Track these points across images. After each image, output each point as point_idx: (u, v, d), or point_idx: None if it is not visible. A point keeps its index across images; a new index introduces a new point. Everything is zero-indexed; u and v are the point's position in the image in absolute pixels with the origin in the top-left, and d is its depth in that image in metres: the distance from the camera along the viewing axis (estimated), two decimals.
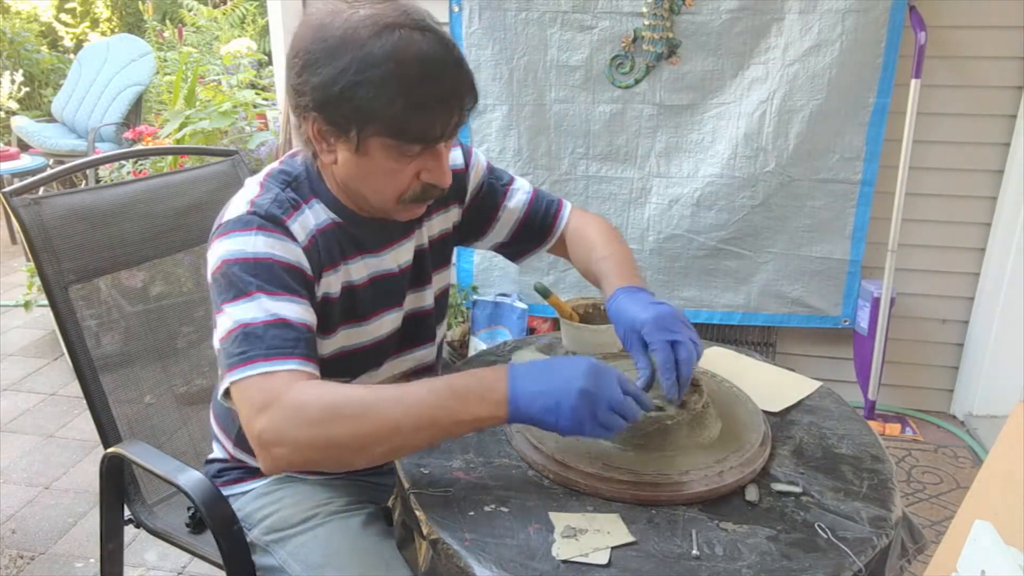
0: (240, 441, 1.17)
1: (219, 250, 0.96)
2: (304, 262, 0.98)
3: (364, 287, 1.08)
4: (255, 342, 0.88)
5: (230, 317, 0.91)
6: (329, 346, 1.07)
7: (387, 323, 1.13)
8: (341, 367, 1.09)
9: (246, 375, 0.87)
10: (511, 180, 1.28)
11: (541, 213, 1.28)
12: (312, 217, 1.02)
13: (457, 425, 0.86)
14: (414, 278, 1.17)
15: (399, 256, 1.12)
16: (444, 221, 1.22)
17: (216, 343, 0.93)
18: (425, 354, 1.22)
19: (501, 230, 1.28)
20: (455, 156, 1.20)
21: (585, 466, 0.91)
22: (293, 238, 0.98)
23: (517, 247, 1.32)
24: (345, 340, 1.09)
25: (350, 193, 1.03)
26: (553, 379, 0.85)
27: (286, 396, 0.85)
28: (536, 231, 1.29)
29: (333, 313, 1.05)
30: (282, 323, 0.90)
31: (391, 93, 0.90)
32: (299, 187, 1.03)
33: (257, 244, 0.94)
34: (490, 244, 1.32)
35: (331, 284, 1.04)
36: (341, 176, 1.01)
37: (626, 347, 1.02)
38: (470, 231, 1.28)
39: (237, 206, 0.99)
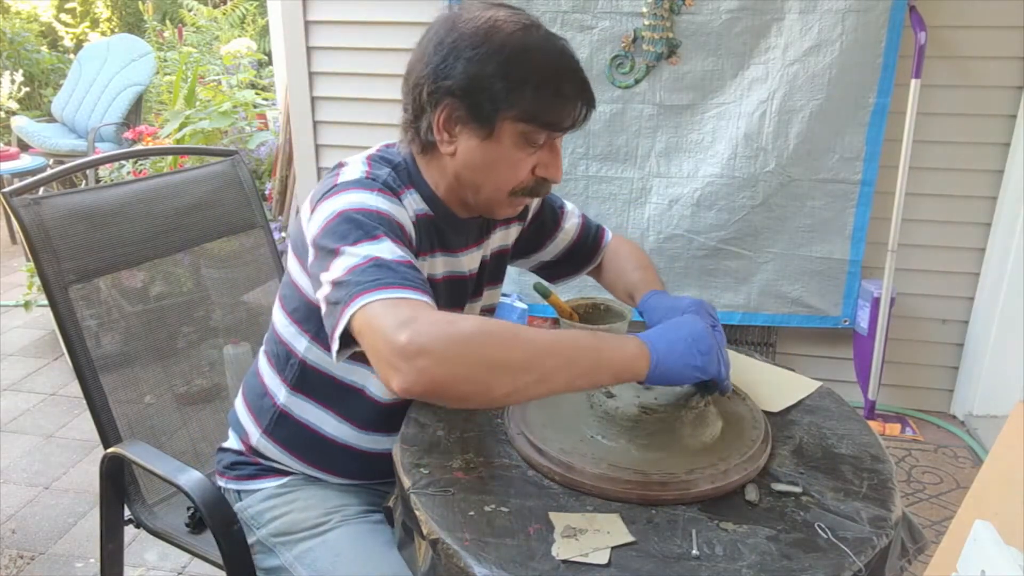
0: (273, 429, 1.14)
1: (336, 203, 0.94)
2: (413, 234, 1.00)
3: (440, 283, 1.10)
4: (389, 273, 0.85)
5: (356, 254, 0.88)
6: None
7: None
8: None
9: (384, 296, 0.83)
10: (563, 203, 1.34)
11: (590, 238, 1.35)
12: (413, 202, 1.05)
13: (597, 369, 0.85)
14: (475, 288, 1.19)
15: (471, 261, 1.15)
16: (504, 238, 1.24)
17: (333, 279, 0.88)
18: None
19: (553, 250, 1.33)
20: None
21: (590, 467, 0.91)
22: (405, 209, 1.00)
23: (562, 268, 1.37)
24: None
25: (461, 186, 1.05)
26: (678, 329, 0.91)
27: (434, 313, 0.82)
28: (584, 255, 1.35)
29: None
30: (410, 265, 0.89)
31: (538, 79, 0.96)
32: (399, 173, 1.06)
33: (380, 202, 0.96)
34: (535, 263, 1.36)
35: (425, 269, 1.05)
36: (458, 167, 1.02)
37: None
38: (526, 248, 1.31)
39: (352, 171, 1.01)
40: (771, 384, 1.18)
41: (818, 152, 2.42)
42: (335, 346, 0.87)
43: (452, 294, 1.13)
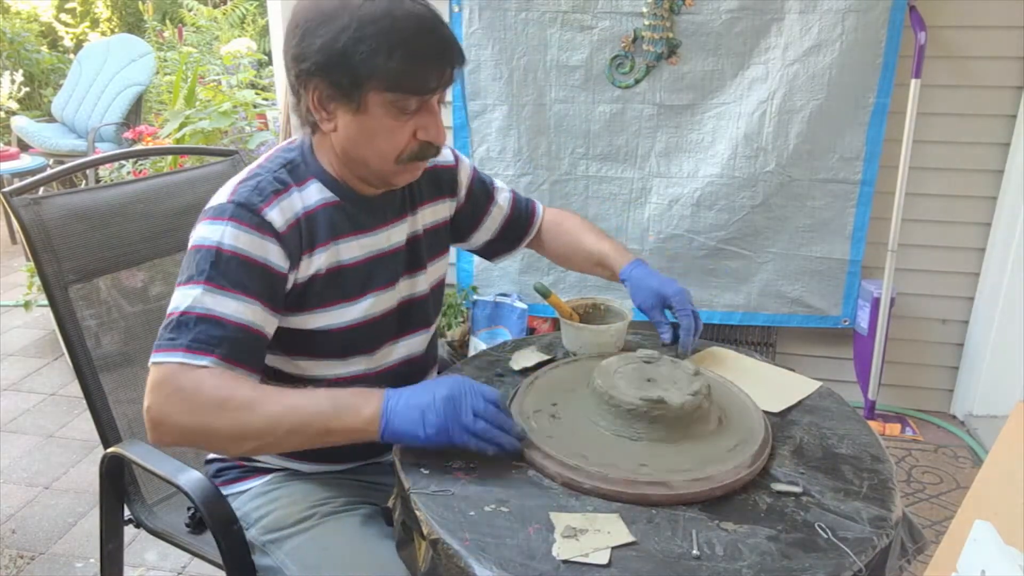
0: None
1: (194, 235, 1.01)
2: (273, 256, 1.00)
3: (357, 266, 1.10)
4: (182, 334, 0.95)
5: (174, 301, 0.98)
6: (313, 321, 1.08)
7: (381, 302, 1.13)
8: (332, 346, 1.10)
9: (164, 360, 0.94)
10: (493, 180, 1.38)
11: (522, 210, 1.40)
12: (300, 200, 1.05)
13: (328, 433, 0.94)
14: (409, 263, 1.19)
15: (391, 236, 1.15)
16: (436, 213, 1.25)
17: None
18: (418, 342, 1.23)
19: (491, 226, 1.36)
20: (445, 154, 1.26)
21: (591, 467, 0.91)
22: (266, 229, 1.00)
23: (499, 245, 1.39)
24: (333, 318, 1.09)
25: (350, 161, 1.06)
26: (422, 394, 0.94)
27: (182, 380, 0.93)
28: (520, 227, 1.39)
29: (314, 291, 1.07)
30: (213, 320, 0.96)
31: (389, 46, 0.95)
32: (295, 169, 1.07)
33: (225, 235, 0.98)
34: (480, 242, 1.38)
35: (315, 264, 1.06)
36: (341, 143, 1.04)
37: (645, 311, 1.25)
38: (465, 226, 1.34)
39: (222, 192, 1.04)
40: (771, 384, 1.18)
41: (818, 152, 2.42)
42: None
43: (379, 272, 1.13)
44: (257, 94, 3.25)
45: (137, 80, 4.51)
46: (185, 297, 0.96)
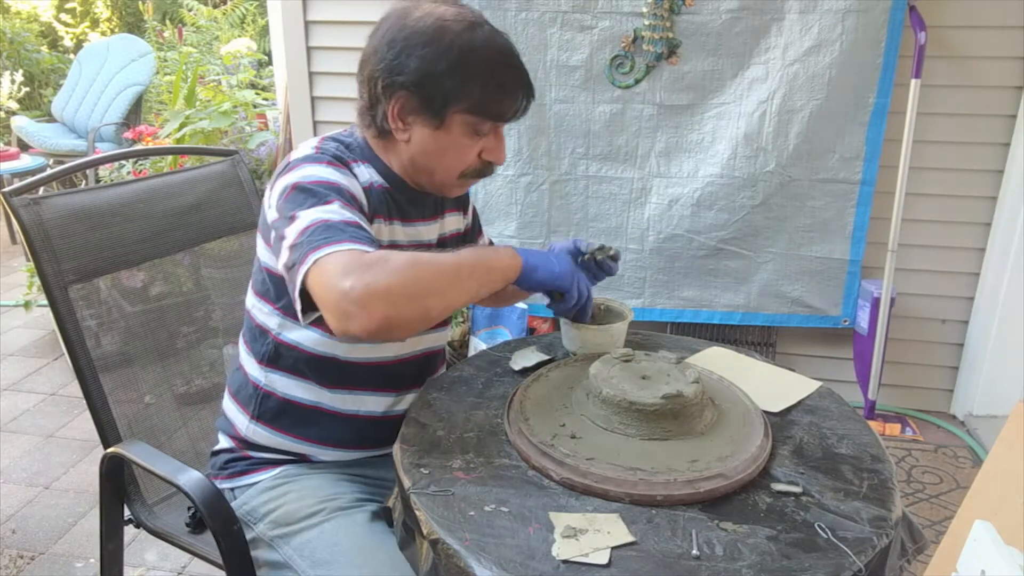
0: (260, 412, 1.18)
1: (290, 178, 1.02)
2: (364, 199, 1.07)
3: (404, 249, 1.13)
4: (335, 232, 0.94)
5: (307, 218, 0.96)
6: None
7: None
8: None
9: (329, 251, 0.90)
10: (481, 226, 1.47)
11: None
12: (367, 173, 1.13)
13: (490, 272, 1.01)
14: None
15: (429, 232, 1.23)
16: (456, 222, 1.32)
17: (290, 244, 0.95)
18: (439, 337, 1.28)
19: None
20: None
21: (590, 467, 0.91)
22: (356, 179, 1.08)
23: None
24: None
25: (416, 168, 1.13)
26: (548, 254, 1.12)
27: (366, 257, 0.90)
28: None
29: None
30: (356, 225, 0.97)
31: (485, 76, 1.05)
32: (351, 150, 1.13)
33: (329, 172, 1.03)
34: None
35: (380, 233, 1.12)
36: (413, 152, 1.11)
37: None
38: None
39: (303, 149, 1.08)
40: (771, 384, 1.18)
41: (818, 152, 2.42)
42: (298, 306, 0.94)
43: None
44: (257, 94, 3.25)
45: (137, 80, 4.51)
46: (323, 212, 0.96)
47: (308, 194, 0.99)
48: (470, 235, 1.40)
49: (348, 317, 0.87)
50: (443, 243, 1.26)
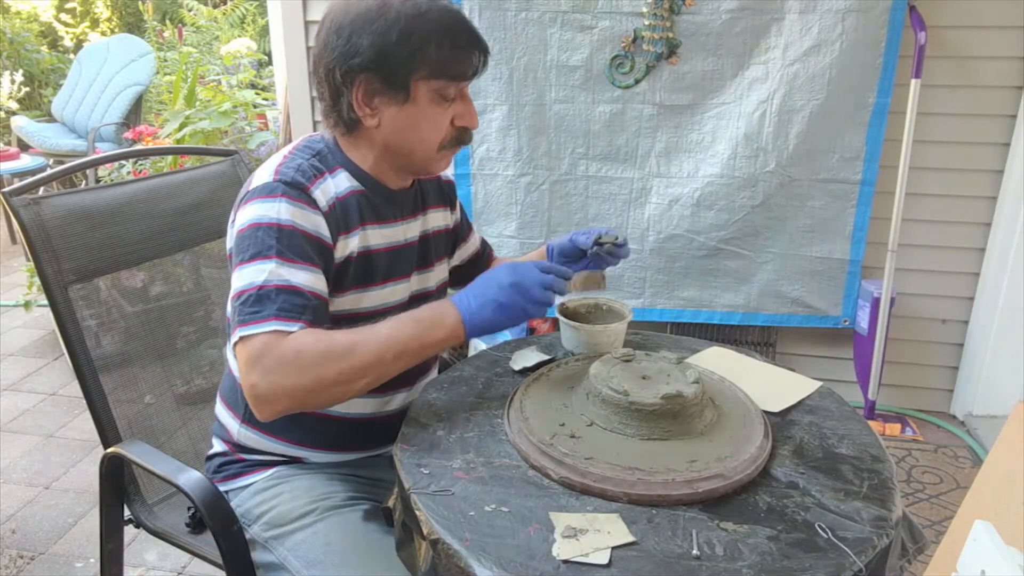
0: (249, 417, 1.18)
1: (245, 215, 1.04)
2: (323, 230, 1.06)
3: (381, 253, 1.15)
4: (266, 305, 0.96)
5: (247, 278, 0.99)
6: (340, 304, 1.11)
7: (397, 292, 1.19)
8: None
9: (256, 331, 0.95)
10: (471, 224, 1.47)
11: (485, 254, 1.48)
12: (334, 185, 1.11)
13: (425, 348, 1.01)
14: (420, 258, 1.25)
15: (408, 231, 1.21)
16: (442, 218, 1.31)
17: (231, 296, 1.01)
18: None
19: (461, 255, 1.43)
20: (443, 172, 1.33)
21: (590, 467, 0.91)
22: (314, 205, 1.06)
23: (458, 275, 1.43)
24: (355, 302, 1.13)
25: (392, 154, 1.12)
26: (487, 290, 1.03)
27: (281, 347, 0.94)
28: (478, 266, 1.44)
29: (348, 273, 1.11)
30: (293, 290, 0.98)
31: (438, 37, 1.05)
32: (324, 158, 1.12)
33: (281, 211, 1.03)
34: (452, 264, 1.42)
35: (350, 246, 1.11)
36: (385, 136, 1.10)
37: (577, 245, 1.29)
38: (452, 244, 1.39)
39: (263, 175, 1.08)
40: (771, 384, 1.18)
41: (818, 152, 2.42)
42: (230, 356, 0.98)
43: (397, 263, 1.19)
44: (257, 94, 3.25)
45: (137, 80, 4.51)
46: (259, 272, 0.99)
47: (252, 242, 1.01)
48: (459, 232, 1.39)
49: (255, 406, 0.95)
50: (426, 239, 1.25)
